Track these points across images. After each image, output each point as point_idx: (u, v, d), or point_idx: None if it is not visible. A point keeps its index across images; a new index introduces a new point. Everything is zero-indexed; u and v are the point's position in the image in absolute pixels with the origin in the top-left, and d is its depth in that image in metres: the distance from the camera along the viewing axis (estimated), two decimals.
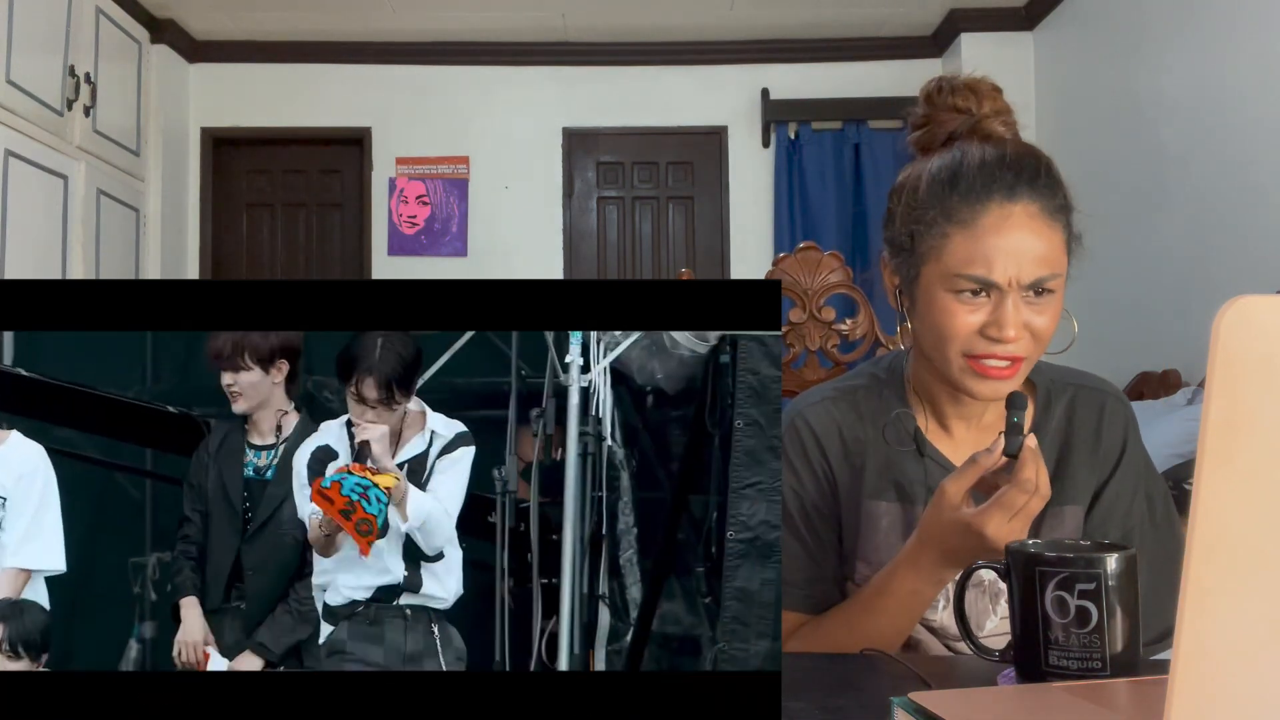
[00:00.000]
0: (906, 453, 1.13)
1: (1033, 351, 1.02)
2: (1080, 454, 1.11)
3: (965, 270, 0.99)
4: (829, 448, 1.14)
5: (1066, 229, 1.03)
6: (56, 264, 3.90)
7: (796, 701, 0.81)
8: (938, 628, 1.11)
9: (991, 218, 0.99)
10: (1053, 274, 1.00)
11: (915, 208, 1.04)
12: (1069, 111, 4.49)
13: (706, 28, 5.04)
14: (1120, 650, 0.80)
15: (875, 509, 1.13)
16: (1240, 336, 0.48)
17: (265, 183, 5.31)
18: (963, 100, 1.08)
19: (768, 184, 5.19)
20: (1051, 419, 1.12)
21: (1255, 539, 0.50)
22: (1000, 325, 0.99)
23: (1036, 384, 1.14)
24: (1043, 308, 1.01)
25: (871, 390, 1.16)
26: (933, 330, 1.04)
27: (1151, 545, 1.09)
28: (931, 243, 1.02)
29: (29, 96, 3.69)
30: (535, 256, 5.18)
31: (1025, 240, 0.99)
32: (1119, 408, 1.13)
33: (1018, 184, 1.00)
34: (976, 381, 1.03)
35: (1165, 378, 3.47)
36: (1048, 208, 1.01)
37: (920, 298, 1.05)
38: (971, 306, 1.00)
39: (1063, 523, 1.10)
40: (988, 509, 0.93)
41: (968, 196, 1.01)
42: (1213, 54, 3.37)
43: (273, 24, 4.98)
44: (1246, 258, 3.16)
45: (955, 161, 1.04)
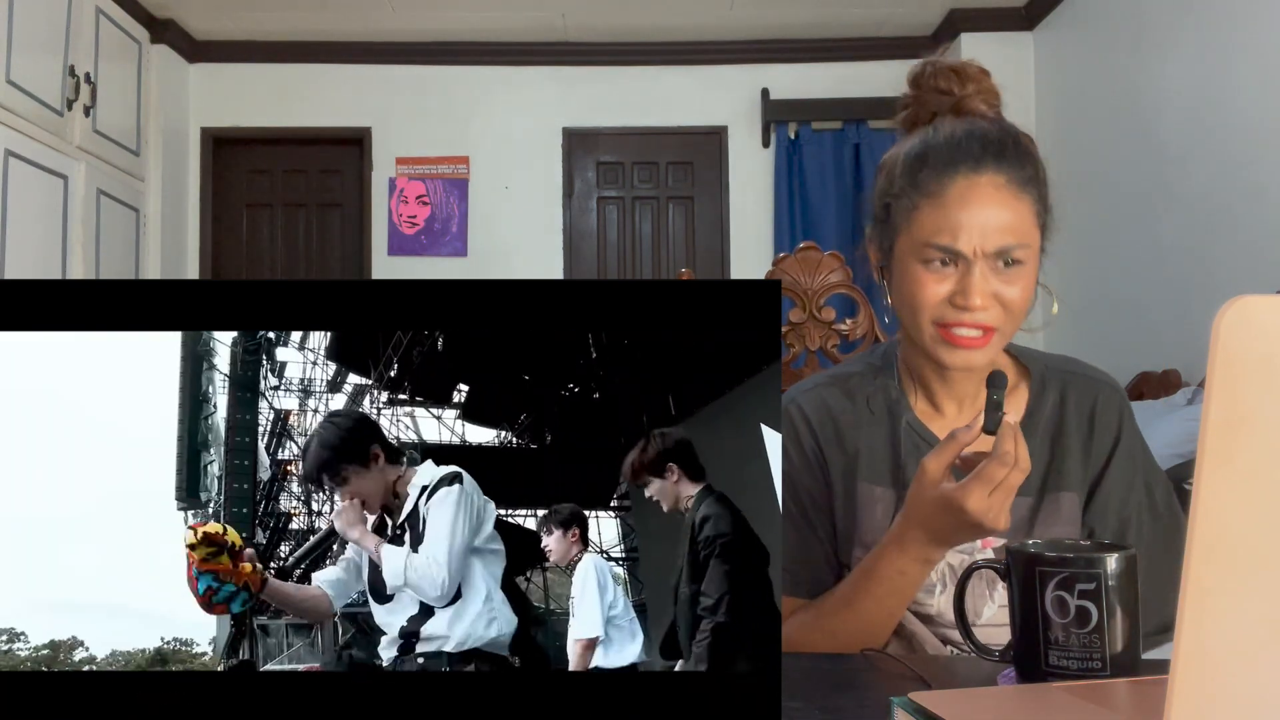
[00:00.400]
0: (900, 436, 1.14)
1: (1004, 322, 1.04)
2: (1074, 440, 1.12)
3: (933, 240, 1.03)
4: (821, 432, 1.16)
5: (1038, 202, 1.05)
6: (56, 264, 3.90)
7: (796, 701, 0.81)
8: (934, 614, 1.11)
9: (957, 189, 1.02)
10: (1019, 244, 1.02)
11: (892, 183, 1.08)
12: (1069, 111, 4.49)
13: (706, 28, 5.04)
14: (1120, 650, 0.80)
15: (870, 493, 1.14)
16: (1240, 336, 0.48)
17: (265, 183, 5.31)
18: (945, 82, 1.11)
19: (768, 184, 5.19)
20: (1045, 406, 1.13)
21: (1255, 539, 0.50)
22: (966, 294, 1.01)
23: (1031, 371, 1.15)
24: (1012, 278, 1.03)
25: (865, 376, 1.19)
26: (906, 300, 1.07)
27: (1151, 534, 1.10)
28: (903, 214, 1.06)
29: (29, 96, 3.69)
30: (535, 256, 5.18)
31: (990, 210, 1.01)
32: (1113, 396, 1.14)
33: (984, 156, 1.03)
34: (948, 351, 1.05)
35: (1165, 378, 3.47)
36: (1015, 179, 1.03)
37: (895, 269, 1.08)
38: (940, 276, 1.03)
39: (1059, 510, 1.10)
40: (967, 483, 0.93)
41: (935, 169, 1.04)
42: (1212, 54, 3.37)
43: (273, 24, 4.97)
44: (1247, 257, 3.16)
45: (927, 137, 1.07)
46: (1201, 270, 3.42)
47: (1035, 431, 1.11)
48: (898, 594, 1.03)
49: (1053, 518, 1.10)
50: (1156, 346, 3.61)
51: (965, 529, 0.95)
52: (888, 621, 1.05)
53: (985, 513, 0.92)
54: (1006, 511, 0.94)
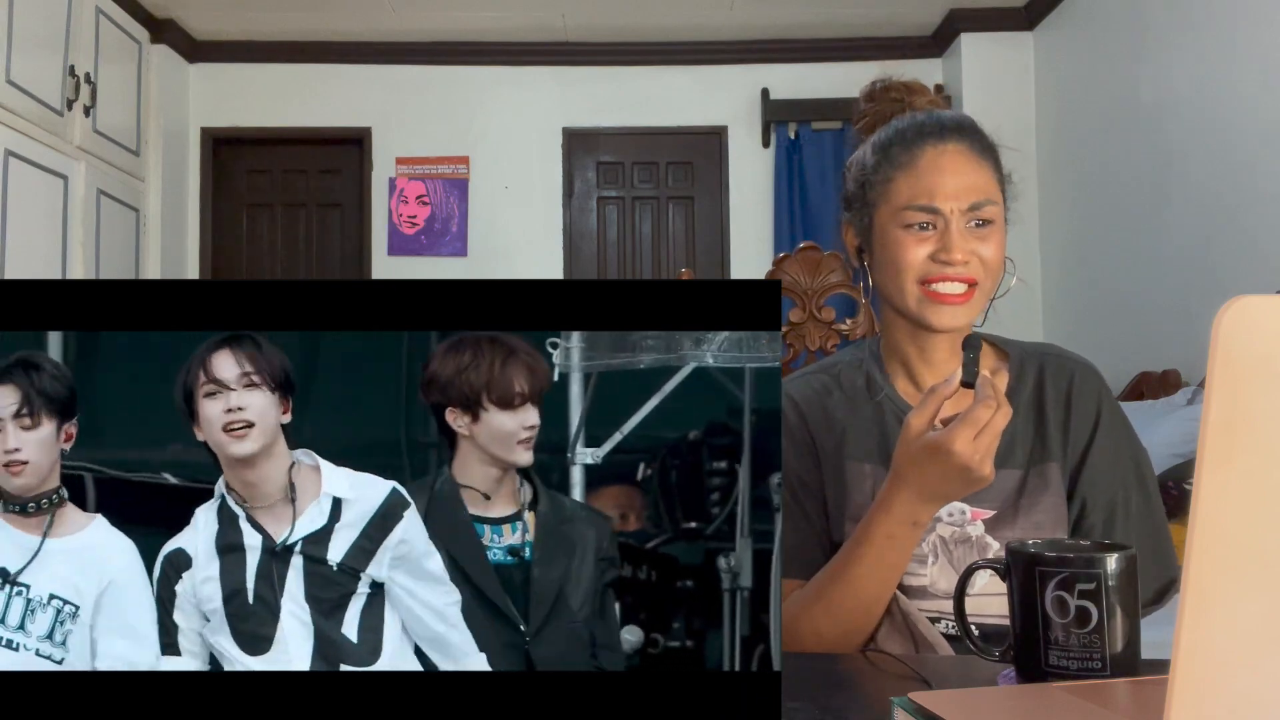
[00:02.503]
0: (885, 414, 1.20)
1: (983, 277, 1.12)
2: (1054, 415, 1.17)
3: (913, 202, 1.12)
4: (809, 415, 1.22)
5: (996, 168, 1.16)
6: (56, 264, 3.90)
7: (796, 701, 0.81)
8: (927, 585, 1.13)
9: (928, 157, 1.13)
10: (988, 200, 1.12)
11: (864, 169, 1.19)
12: (1069, 111, 4.49)
13: (706, 28, 5.04)
14: (1120, 650, 0.80)
15: (859, 469, 1.18)
16: (1240, 336, 0.48)
17: (265, 183, 5.31)
18: (897, 94, 1.24)
19: (768, 184, 5.19)
20: (1025, 387, 1.18)
21: (1255, 539, 0.50)
22: (948, 249, 1.10)
23: (1010, 355, 1.21)
24: (986, 235, 1.12)
25: (852, 365, 1.26)
26: (890, 265, 1.14)
27: (1140, 510, 1.14)
28: (880, 189, 1.16)
29: (29, 96, 3.69)
30: (535, 256, 5.18)
31: (960, 172, 1.12)
32: (1089, 375, 1.19)
33: (945, 130, 1.15)
34: (933, 310, 1.12)
35: (1165, 378, 3.47)
36: (975, 147, 1.14)
37: (876, 242, 1.17)
38: (920, 237, 1.12)
39: (1046, 480, 1.14)
40: (953, 427, 0.96)
41: (906, 145, 1.15)
42: (1213, 54, 3.37)
43: (273, 24, 4.97)
44: (1247, 258, 3.16)
45: (893, 125, 1.19)
46: (1201, 270, 3.42)
47: (1018, 410, 1.15)
48: (889, 561, 1.05)
49: (1040, 490, 1.14)
50: (1156, 346, 3.61)
51: (953, 477, 0.97)
52: (881, 591, 1.07)
53: (972, 456, 0.95)
54: (991, 457, 0.97)
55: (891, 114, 1.23)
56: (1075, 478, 1.15)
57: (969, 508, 1.13)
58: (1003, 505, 1.13)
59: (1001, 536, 1.12)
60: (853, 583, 1.06)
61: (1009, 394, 1.16)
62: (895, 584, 1.08)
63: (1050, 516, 1.13)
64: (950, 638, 1.10)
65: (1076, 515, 1.14)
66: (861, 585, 1.06)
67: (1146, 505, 1.15)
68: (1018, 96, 4.79)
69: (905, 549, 1.05)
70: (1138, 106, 3.85)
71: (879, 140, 1.18)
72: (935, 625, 1.11)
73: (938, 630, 1.10)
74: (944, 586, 1.11)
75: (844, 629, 1.08)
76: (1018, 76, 4.79)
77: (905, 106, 1.23)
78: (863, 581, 1.06)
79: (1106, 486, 1.14)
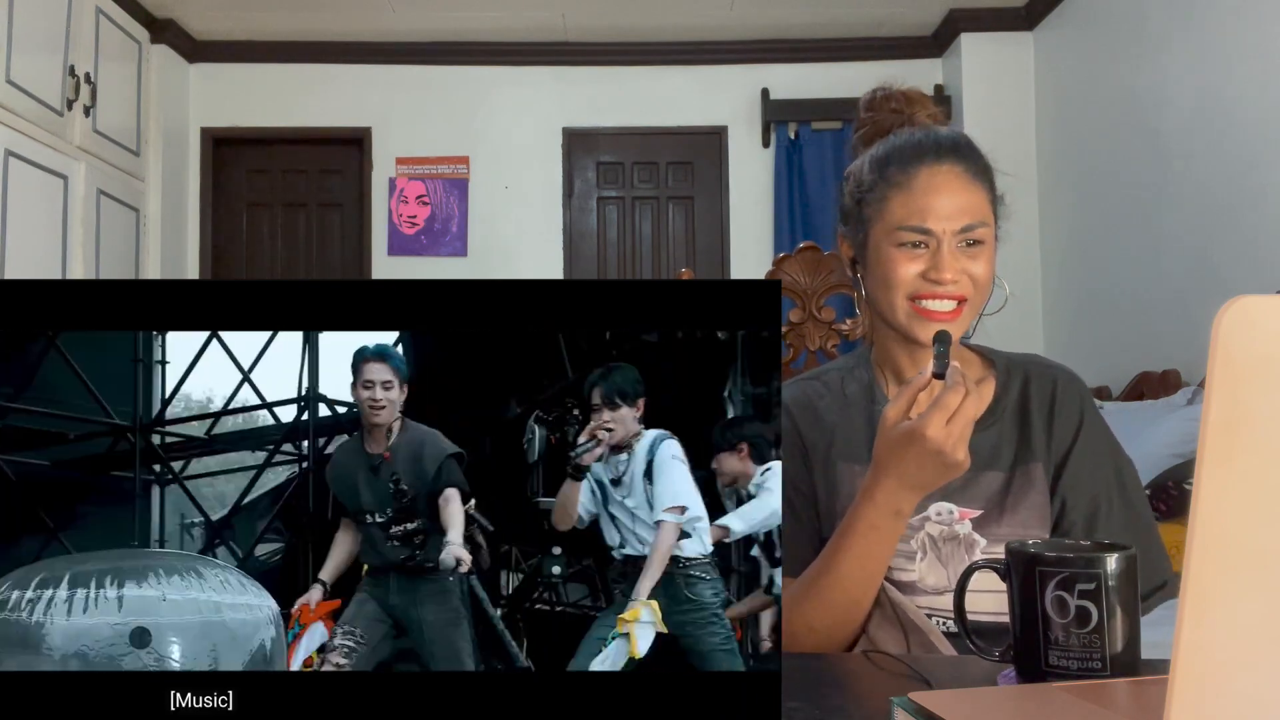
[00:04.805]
0: (874, 417, 1.21)
1: (973, 293, 1.15)
2: (1039, 419, 1.20)
3: (906, 223, 1.15)
4: (800, 417, 1.26)
5: (990, 190, 1.18)
6: (56, 264, 3.90)
7: (796, 701, 0.81)
8: (915, 581, 1.16)
9: (923, 178, 1.15)
10: (980, 222, 1.15)
11: (860, 184, 1.21)
12: (1069, 111, 4.49)
13: (706, 28, 5.04)
14: (1120, 650, 0.80)
15: (849, 470, 1.21)
16: (1240, 336, 0.48)
17: (265, 183, 5.31)
18: (896, 104, 1.27)
19: (768, 184, 5.19)
20: (1010, 395, 1.22)
21: (1255, 539, 0.50)
22: (939, 269, 1.13)
23: (995, 364, 1.25)
24: (976, 255, 1.15)
25: (844, 371, 1.30)
26: (882, 281, 1.17)
27: (1121, 513, 1.17)
28: (875, 207, 1.18)
29: (29, 96, 3.69)
30: (535, 256, 5.18)
31: (953, 194, 1.14)
32: (1072, 382, 1.23)
33: (941, 151, 1.16)
34: (921, 325, 1.15)
35: (1165, 378, 3.47)
36: (970, 169, 1.16)
37: (870, 257, 1.20)
38: (912, 255, 1.15)
39: (1030, 480, 1.18)
40: (926, 412, 1.00)
41: (902, 165, 1.17)
42: (1213, 54, 3.37)
43: (273, 24, 4.97)
44: (1247, 258, 3.16)
45: (891, 142, 1.21)
46: (1202, 270, 3.42)
47: (1004, 416, 1.20)
48: (874, 552, 1.08)
49: (1025, 489, 1.17)
50: (1156, 346, 3.61)
51: (928, 463, 1.00)
52: (868, 584, 1.10)
53: (945, 440, 0.98)
54: (965, 443, 1.00)
55: (890, 125, 1.25)
56: (1057, 478, 1.19)
57: (957, 508, 1.17)
58: (989, 505, 1.17)
59: (988, 534, 1.16)
60: (840, 574, 1.09)
61: (995, 400, 1.20)
62: (881, 575, 1.11)
63: (1035, 514, 1.17)
64: (949, 635, 1.12)
65: (1057, 514, 1.18)
66: (849, 576, 1.09)
67: (1127, 509, 1.18)
68: (1018, 96, 4.79)
69: (889, 540, 1.08)
70: (1138, 106, 3.85)
71: (876, 156, 1.20)
72: (928, 620, 1.13)
73: (927, 620, 1.13)
74: (932, 582, 1.15)
75: (834, 619, 1.11)
76: (1018, 76, 4.79)
77: (905, 118, 1.25)
78: (850, 572, 1.09)
79: (1088, 488, 1.17)
